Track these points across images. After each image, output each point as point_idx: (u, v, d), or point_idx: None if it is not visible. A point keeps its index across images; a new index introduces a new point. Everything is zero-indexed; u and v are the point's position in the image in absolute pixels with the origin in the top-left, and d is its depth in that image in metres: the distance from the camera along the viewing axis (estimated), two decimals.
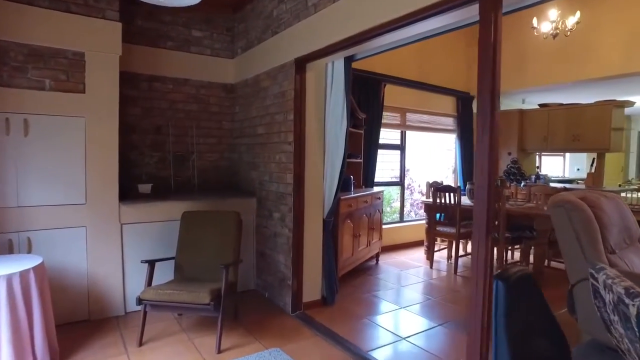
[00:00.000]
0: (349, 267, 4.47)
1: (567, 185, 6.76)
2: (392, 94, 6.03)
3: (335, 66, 3.54)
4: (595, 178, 6.40)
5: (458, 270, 4.99)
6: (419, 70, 6.44)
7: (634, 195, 7.53)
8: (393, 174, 6.62)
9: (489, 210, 2.04)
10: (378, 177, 6.07)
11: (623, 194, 7.63)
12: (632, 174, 10.87)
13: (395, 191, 6.77)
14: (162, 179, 4.21)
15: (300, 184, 3.53)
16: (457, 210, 4.93)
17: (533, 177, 6.89)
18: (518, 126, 7.03)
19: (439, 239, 5.79)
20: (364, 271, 4.95)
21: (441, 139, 7.41)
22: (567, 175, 10.63)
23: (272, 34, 3.84)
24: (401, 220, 6.67)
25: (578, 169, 10.72)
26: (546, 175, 6.92)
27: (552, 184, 6.91)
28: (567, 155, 10.60)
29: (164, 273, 3.25)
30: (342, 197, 4.14)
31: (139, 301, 2.77)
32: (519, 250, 5.32)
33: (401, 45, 3.17)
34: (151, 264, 3.02)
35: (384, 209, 6.53)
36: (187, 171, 4.39)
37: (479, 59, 2.06)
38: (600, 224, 3.09)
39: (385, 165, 6.40)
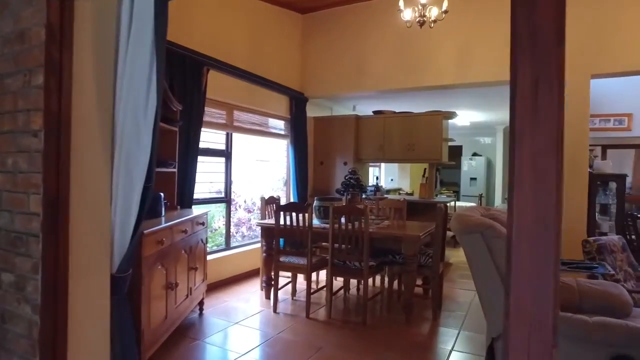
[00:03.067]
0: (162, 337, 2.82)
1: (389, 196, 6.49)
2: (217, 84, 4.60)
3: None
4: (428, 189, 6.24)
5: (311, 312, 3.85)
6: (250, 59, 5.19)
7: (452, 204, 7.89)
8: (215, 188, 5.15)
9: (556, 290, 0.87)
10: (198, 193, 4.53)
11: (469, 204, 7.91)
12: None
13: (218, 210, 5.30)
14: None
15: (60, 213, 1.79)
16: (306, 235, 3.80)
17: (371, 188, 6.39)
18: (354, 134, 6.45)
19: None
20: (185, 333, 3.34)
21: (272, 144, 6.30)
22: (383, 185, 10.93)
23: None
24: (227, 246, 5.23)
25: (392, 179, 11.16)
26: (382, 186, 6.52)
27: (386, 196, 6.53)
28: (382, 165, 10.90)
29: None
30: (147, 231, 2.50)
31: None
32: (380, 279, 4.52)
33: None
34: None
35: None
36: None
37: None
38: None
39: (206, 177, 4.90)
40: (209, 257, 4.68)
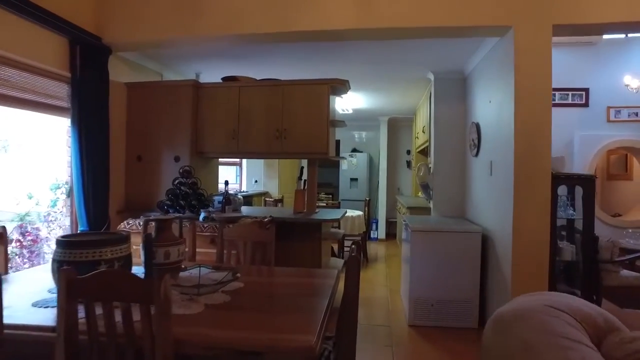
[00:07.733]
0: None
1: (248, 211, 4.29)
2: None
3: None
4: (308, 199, 4.11)
5: None
6: None
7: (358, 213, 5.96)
8: None
9: None
10: None
11: (355, 213, 5.92)
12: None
13: None
14: None
15: None
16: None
17: (218, 198, 4.00)
18: (191, 112, 4.01)
19: None
20: None
21: (46, 123, 3.51)
22: (245, 189, 8.60)
23: None
24: None
25: (256, 181, 8.88)
26: (237, 195, 4.20)
27: (244, 210, 4.27)
28: (244, 161, 8.56)
29: None
30: None
31: None
32: None
33: None
34: None
35: None
36: None
37: None
38: None
39: None
40: None
